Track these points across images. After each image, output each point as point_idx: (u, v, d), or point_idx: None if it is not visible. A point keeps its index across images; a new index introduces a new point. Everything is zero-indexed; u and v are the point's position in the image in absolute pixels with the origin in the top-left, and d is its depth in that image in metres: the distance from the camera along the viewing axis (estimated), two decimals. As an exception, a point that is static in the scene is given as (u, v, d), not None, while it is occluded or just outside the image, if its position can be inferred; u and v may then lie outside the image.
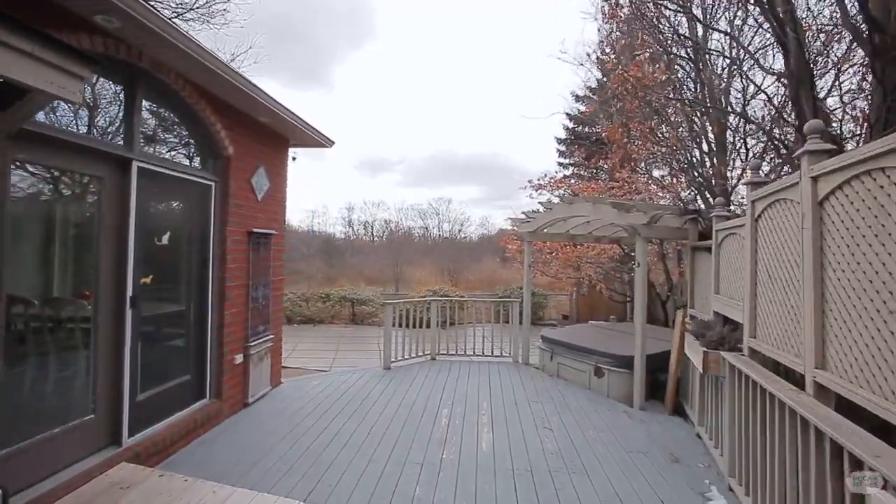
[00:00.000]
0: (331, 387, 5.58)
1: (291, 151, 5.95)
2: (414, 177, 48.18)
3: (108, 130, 3.09)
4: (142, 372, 3.39)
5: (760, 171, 3.19)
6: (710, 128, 5.09)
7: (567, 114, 15.54)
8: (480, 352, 7.31)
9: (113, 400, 3.13)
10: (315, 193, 53.15)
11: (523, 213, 6.94)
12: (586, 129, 16.26)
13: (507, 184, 46.91)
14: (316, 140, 5.64)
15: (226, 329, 4.33)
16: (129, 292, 3.18)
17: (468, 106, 51.81)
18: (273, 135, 5.22)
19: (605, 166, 14.00)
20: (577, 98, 15.10)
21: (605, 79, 14.18)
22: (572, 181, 9.49)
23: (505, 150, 51.45)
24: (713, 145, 5.17)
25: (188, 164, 4.01)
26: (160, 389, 3.63)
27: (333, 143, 5.98)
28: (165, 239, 3.58)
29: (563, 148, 16.70)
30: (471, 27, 45.50)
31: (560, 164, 16.39)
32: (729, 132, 5.05)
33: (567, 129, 16.22)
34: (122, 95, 3.17)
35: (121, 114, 3.18)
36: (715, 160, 4.98)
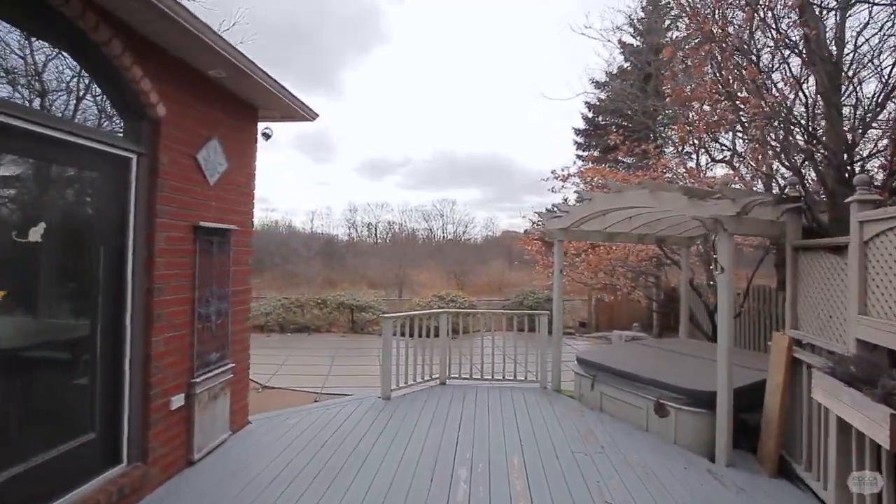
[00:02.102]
0: (312, 428, 4.30)
1: (264, 127, 4.70)
2: (417, 179, 47.64)
3: None
4: (-10, 443, 2.13)
5: None
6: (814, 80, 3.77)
7: (586, 102, 14.25)
8: (500, 374, 6.01)
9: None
10: (318, 196, 52.58)
11: (554, 205, 5.65)
12: (605, 120, 14.97)
13: (510, 186, 46.32)
14: (294, 109, 4.37)
15: (154, 362, 3.06)
16: (-51, 320, 1.93)
17: (470, 108, 51.37)
18: (233, 99, 3.96)
19: (627, 159, 12.70)
20: (598, 85, 13.80)
21: (630, 57, 12.89)
22: (595, 177, 8.15)
23: (507, 152, 51.01)
24: (818, 104, 3.85)
25: (85, 123, 2.76)
26: (34, 464, 2.37)
27: (317, 115, 4.72)
28: (37, 234, 2.33)
29: (580, 140, 15.39)
30: (474, 29, 44.71)
31: (579, 156, 15.06)
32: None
33: (586, 118, 14.89)
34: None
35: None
36: (821, 119, 3.68)
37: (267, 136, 4.73)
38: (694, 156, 9.08)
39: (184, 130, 3.32)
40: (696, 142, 8.39)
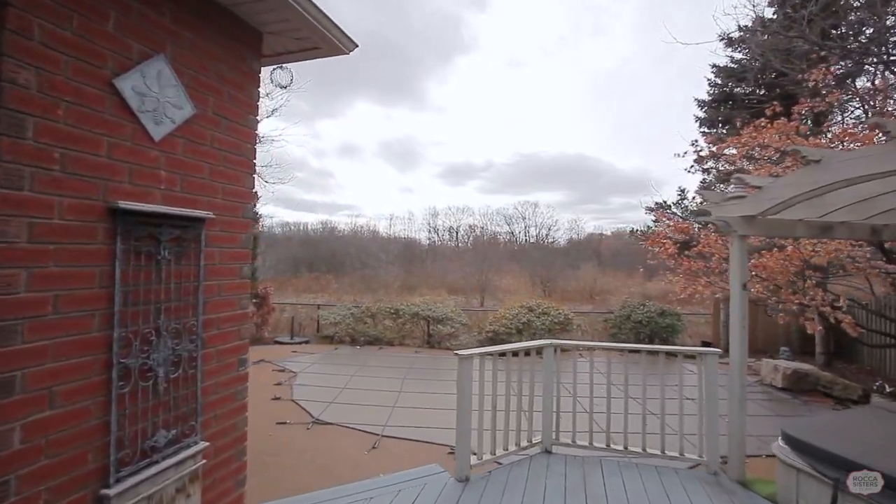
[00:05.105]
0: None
1: (275, 67, 3.13)
2: (499, 182, 46.64)
3: None
4: None
5: None
6: None
7: (713, 65, 11.26)
8: (639, 444, 3.88)
9: None
10: (403, 202, 53.51)
11: (736, 177, 3.42)
12: (739, 89, 11.86)
13: (594, 187, 43.56)
14: (319, 31, 2.69)
15: (-6, 478, 1.53)
16: None
17: (551, 109, 49.24)
18: (210, 7, 2.40)
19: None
20: (731, 42, 10.82)
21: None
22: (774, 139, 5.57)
23: (591, 151, 47.78)
24: None
25: None
26: None
27: (356, 44, 3.03)
28: None
29: (703, 114, 12.35)
30: (556, 28, 42.43)
31: (703, 133, 12.05)
32: None
33: (714, 85, 11.86)
34: None
35: None
36: None
37: (283, 84, 3.15)
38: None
39: (82, 31, 1.78)
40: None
